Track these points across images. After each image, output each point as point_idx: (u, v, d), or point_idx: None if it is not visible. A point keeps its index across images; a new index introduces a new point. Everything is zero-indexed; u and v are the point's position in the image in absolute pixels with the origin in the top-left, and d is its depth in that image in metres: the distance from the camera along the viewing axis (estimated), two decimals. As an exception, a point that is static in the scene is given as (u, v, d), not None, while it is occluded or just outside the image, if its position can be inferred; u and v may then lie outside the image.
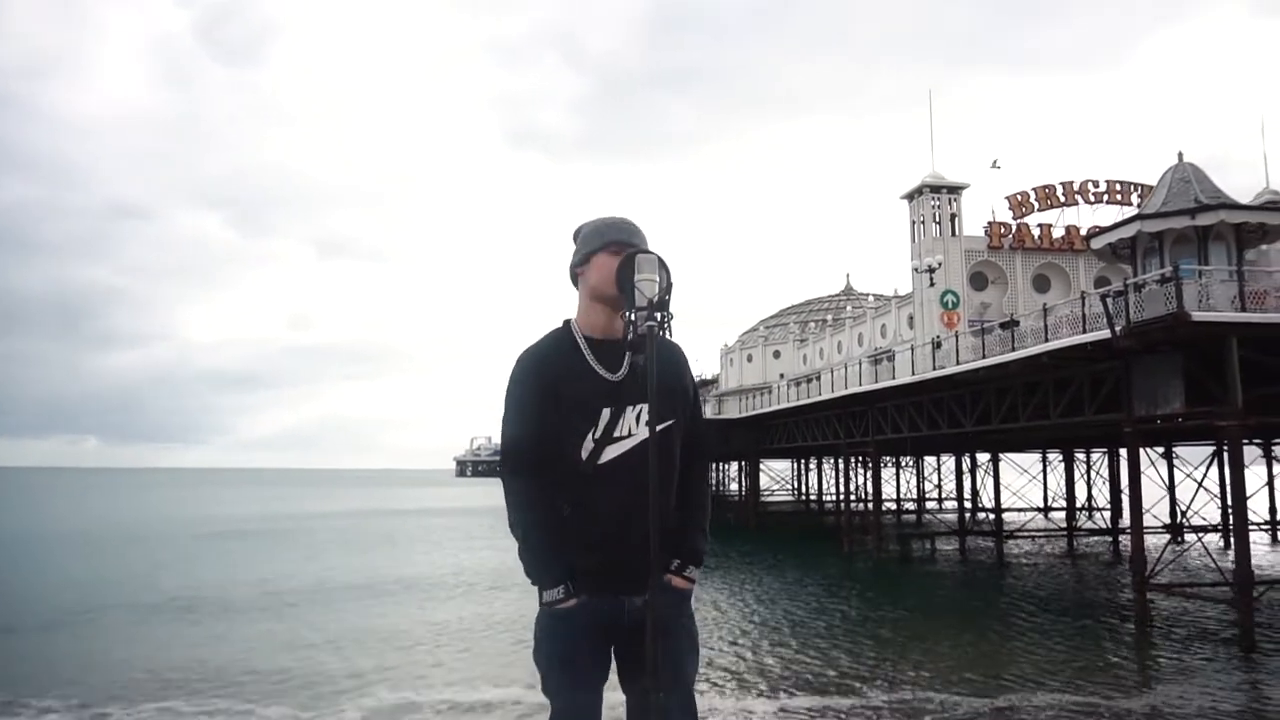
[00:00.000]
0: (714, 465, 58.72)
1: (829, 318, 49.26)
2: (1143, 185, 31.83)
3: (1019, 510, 35.00)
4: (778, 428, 40.47)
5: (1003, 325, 23.01)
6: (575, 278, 2.33)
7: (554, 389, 2.15)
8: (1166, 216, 17.54)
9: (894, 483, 46.12)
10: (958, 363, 23.80)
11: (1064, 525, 33.92)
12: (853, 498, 36.39)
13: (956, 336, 24.93)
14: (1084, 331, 17.82)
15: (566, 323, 2.30)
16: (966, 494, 36.72)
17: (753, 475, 47.47)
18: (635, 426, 2.15)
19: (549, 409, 2.16)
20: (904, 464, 45.77)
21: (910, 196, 34.82)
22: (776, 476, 61.96)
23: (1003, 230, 33.98)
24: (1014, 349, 21.12)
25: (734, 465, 59.28)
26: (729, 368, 55.09)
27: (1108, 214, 31.42)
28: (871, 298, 49.13)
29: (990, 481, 35.01)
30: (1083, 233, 31.51)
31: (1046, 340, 18.85)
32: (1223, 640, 15.12)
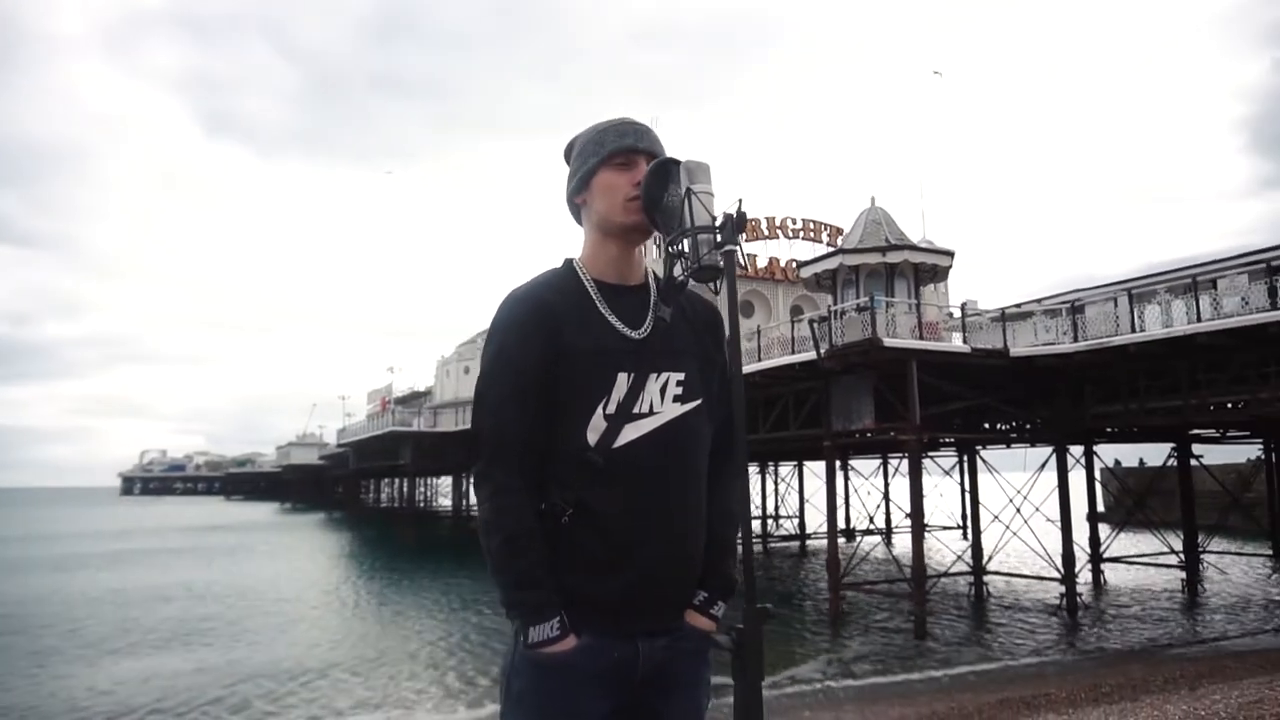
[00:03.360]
0: (423, 480, 56.93)
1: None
2: (830, 226, 35.67)
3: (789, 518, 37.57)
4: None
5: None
6: (576, 209, 1.75)
7: (557, 344, 1.57)
8: (864, 252, 19.66)
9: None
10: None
11: (759, 533, 36.82)
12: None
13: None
14: (793, 353, 19.43)
15: (568, 262, 1.72)
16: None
17: (469, 491, 46.46)
18: (660, 402, 1.60)
19: (547, 373, 1.57)
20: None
21: (632, 219, 36.19)
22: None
23: (714, 257, 36.32)
24: (729, 367, 22.50)
25: (445, 480, 57.78)
26: (445, 380, 53.61)
27: (803, 248, 34.79)
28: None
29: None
30: (782, 264, 34.64)
31: (759, 360, 20.28)
32: (898, 630, 17.00)
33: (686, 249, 1.51)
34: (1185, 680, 10.00)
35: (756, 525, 37.15)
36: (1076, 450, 20.94)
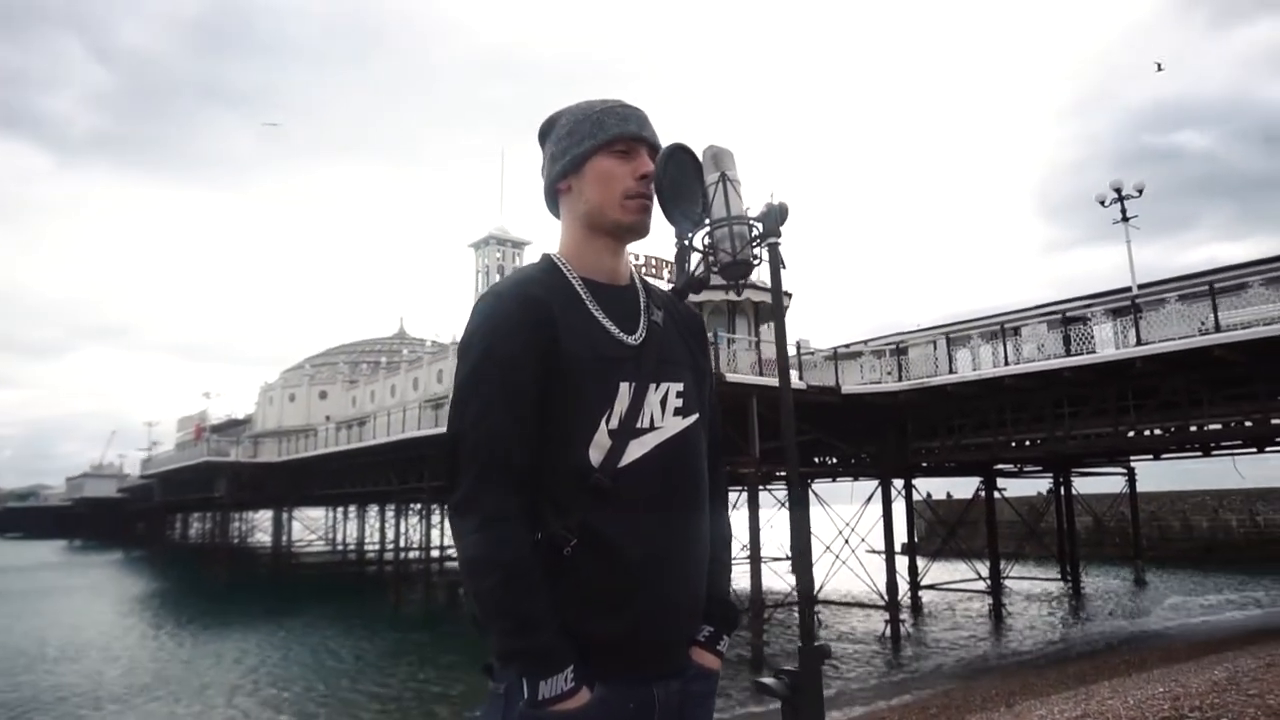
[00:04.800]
0: (238, 514, 53.13)
1: (383, 360, 47.93)
2: (671, 262, 36.65)
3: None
4: (322, 473, 37.87)
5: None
6: (555, 197, 1.52)
7: (554, 349, 1.35)
8: (714, 289, 20.21)
9: (439, 530, 46.00)
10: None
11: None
12: (402, 547, 35.31)
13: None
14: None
15: (548, 258, 1.49)
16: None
17: (289, 524, 43.72)
18: (661, 415, 1.41)
19: (541, 381, 1.35)
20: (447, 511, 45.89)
21: (477, 246, 35.69)
22: (311, 526, 57.90)
23: (558, 289, 36.44)
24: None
25: (265, 514, 54.11)
26: (268, 406, 50.48)
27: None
28: (430, 343, 48.99)
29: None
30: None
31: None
32: (738, 660, 17.33)
33: (717, 243, 1.36)
34: (1001, 698, 10.72)
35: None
36: (898, 483, 22.29)
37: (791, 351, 22.32)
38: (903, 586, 21.16)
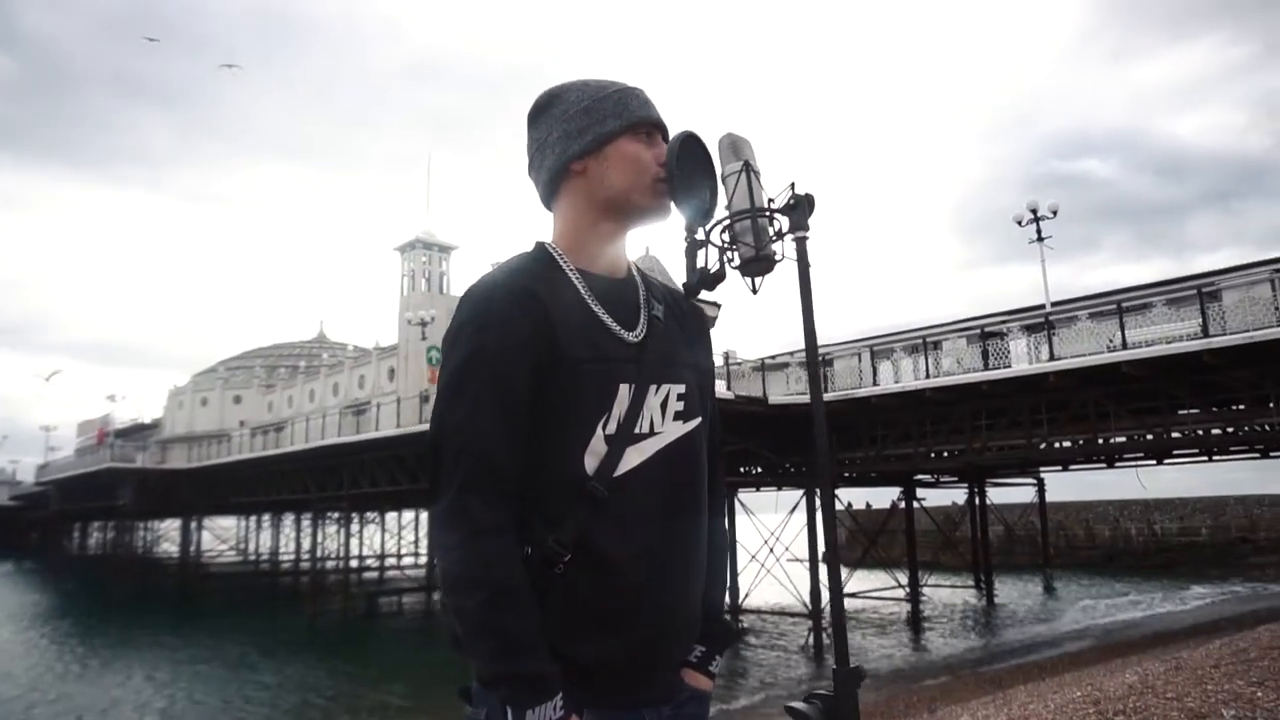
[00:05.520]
0: (143, 524, 50.81)
1: (302, 364, 46.58)
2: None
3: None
4: (236, 481, 36.53)
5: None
6: (560, 178, 1.37)
7: (548, 346, 1.24)
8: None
9: (357, 539, 44.89)
10: (445, 417, 24.15)
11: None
12: (320, 556, 34.27)
13: (445, 391, 25.39)
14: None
15: (541, 247, 1.37)
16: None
17: (197, 534, 42.04)
18: (661, 420, 1.30)
19: (535, 382, 1.24)
20: (368, 520, 44.84)
21: (403, 250, 35.03)
22: (222, 535, 55.75)
23: (486, 295, 36.04)
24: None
25: (172, 523, 51.88)
26: (178, 411, 48.50)
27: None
28: (352, 347, 47.84)
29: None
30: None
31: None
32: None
33: (738, 236, 1.28)
34: (923, 704, 10.96)
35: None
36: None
37: (720, 362, 22.50)
38: (825, 595, 21.50)
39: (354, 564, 35.55)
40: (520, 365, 1.22)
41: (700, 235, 1.34)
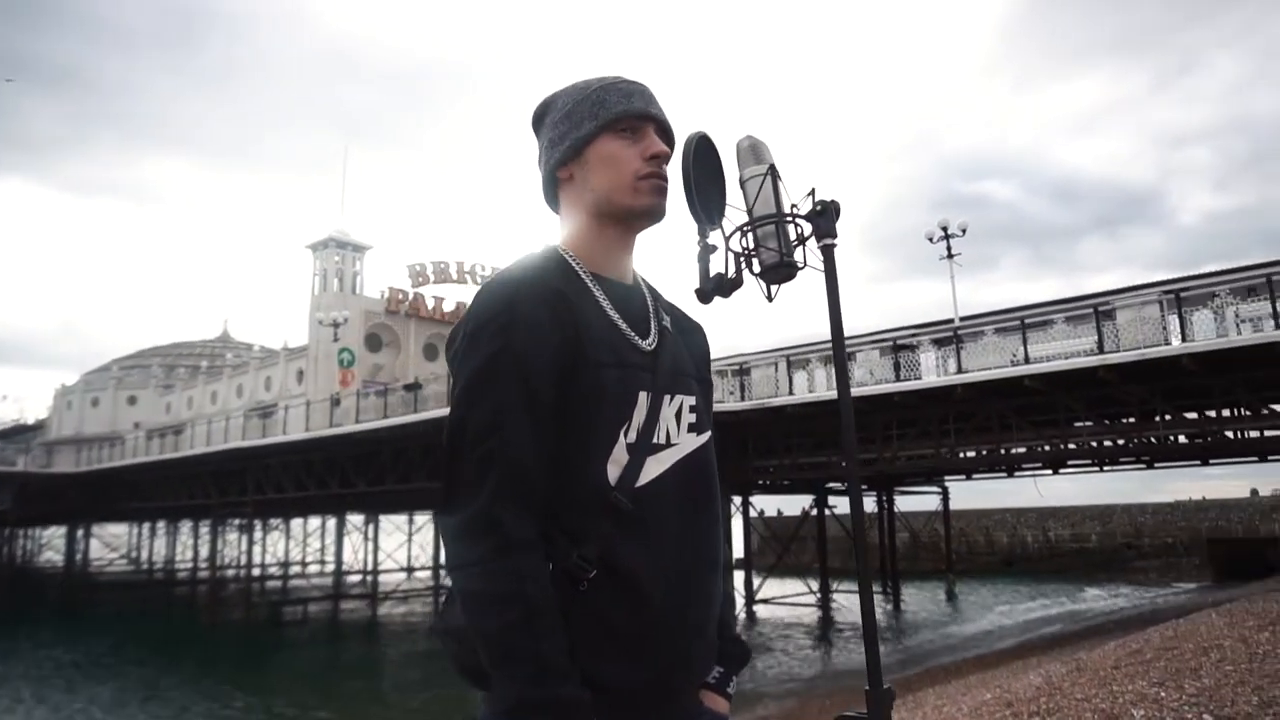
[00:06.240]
0: (24, 531, 47.85)
1: (203, 364, 44.69)
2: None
3: (390, 571, 35.71)
4: (130, 486, 34.75)
5: (406, 387, 23.59)
6: (555, 185, 1.34)
7: (573, 349, 1.17)
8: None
9: (260, 547, 43.30)
10: (357, 421, 23.55)
11: (430, 584, 35.57)
12: (219, 564, 32.87)
13: (359, 395, 24.71)
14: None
15: (554, 250, 1.30)
16: (346, 556, 36.11)
17: (85, 542, 39.80)
18: (676, 431, 1.24)
19: (560, 386, 1.17)
20: (270, 527, 43.29)
21: (315, 248, 34.02)
22: (113, 543, 52.92)
23: (401, 297, 35.25)
24: (417, 411, 21.75)
25: (56, 530, 48.95)
26: (65, 412, 45.85)
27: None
28: (258, 348, 46.14)
29: (365, 544, 35.16)
30: (472, 310, 34.59)
31: (448, 404, 19.81)
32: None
33: (761, 241, 1.23)
34: (836, 709, 11.13)
35: (427, 575, 35.80)
36: (736, 499, 22.95)
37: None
38: (739, 602, 21.74)
39: (256, 572, 34.28)
40: (547, 366, 1.15)
41: (725, 239, 1.29)
